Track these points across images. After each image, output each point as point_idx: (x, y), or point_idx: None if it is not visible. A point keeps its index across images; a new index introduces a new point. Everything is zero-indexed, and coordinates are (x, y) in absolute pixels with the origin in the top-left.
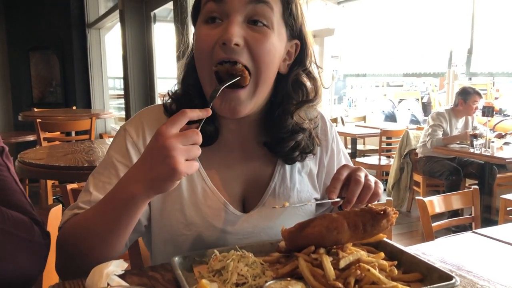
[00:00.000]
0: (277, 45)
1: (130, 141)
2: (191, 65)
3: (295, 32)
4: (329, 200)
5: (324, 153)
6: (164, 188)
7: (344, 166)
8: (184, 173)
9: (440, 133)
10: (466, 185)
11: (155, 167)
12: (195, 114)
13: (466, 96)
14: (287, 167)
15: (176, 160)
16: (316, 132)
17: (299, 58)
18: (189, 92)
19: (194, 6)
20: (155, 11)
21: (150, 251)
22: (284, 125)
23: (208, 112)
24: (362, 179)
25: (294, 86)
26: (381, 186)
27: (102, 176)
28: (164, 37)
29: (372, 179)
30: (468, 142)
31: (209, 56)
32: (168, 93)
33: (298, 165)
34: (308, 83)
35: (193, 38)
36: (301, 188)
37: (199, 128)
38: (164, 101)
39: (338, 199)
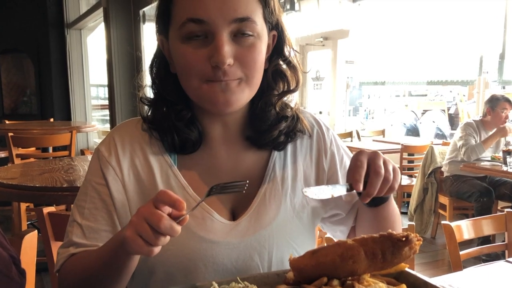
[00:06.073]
0: (263, 49)
1: (103, 161)
2: (161, 70)
3: (273, 25)
4: (349, 192)
5: (323, 157)
6: None
7: (361, 152)
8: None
9: (473, 142)
10: (499, 207)
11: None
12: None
13: (493, 103)
14: (278, 171)
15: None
16: (303, 116)
17: (277, 48)
18: (167, 98)
19: (162, 11)
20: (144, 9)
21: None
22: (267, 116)
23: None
24: (382, 170)
25: (274, 77)
26: (398, 178)
27: (85, 203)
28: (154, 39)
29: (390, 167)
30: (501, 159)
31: (198, 74)
32: (141, 100)
33: (290, 170)
34: (288, 72)
35: (161, 45)
36: (294, 194)
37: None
38: (139, 109)
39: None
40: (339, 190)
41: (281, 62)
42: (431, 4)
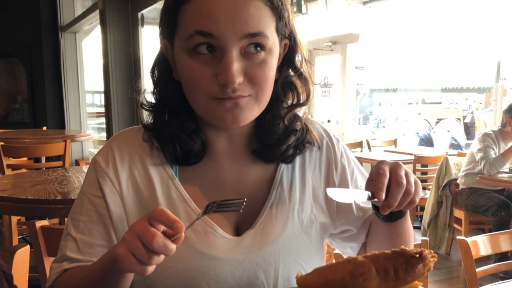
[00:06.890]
0: (274, 64)
1: (100, 172)
2: (164, 75)
3: (286, 35)
4: (374, 200)
5: (333, 170)
6: None
7: (383, 161)
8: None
9: (493, 155)
10: None
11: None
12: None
13: None
14: (285, 184)
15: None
16: (312, 127)
17: (288, 57)
18: (169, 105)
19: (168, 19)
20: (143, 11)
21: None
22: (275, 130)
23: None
24: (404, 181)
25: (284, 88)
26: (420, 191)
27: (81, 216)
28: (153, 43)
29: (412, 179)
30: None
31: (205, 91)
32: (141, 105)
33: (298, 184)
34: (299, 84)
35: (164, 49)
36: (302, 208)
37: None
38: (139, 116)
39: (372, 201)
40: (361, 196)
41: (291, 73)
42: (446, 7)
